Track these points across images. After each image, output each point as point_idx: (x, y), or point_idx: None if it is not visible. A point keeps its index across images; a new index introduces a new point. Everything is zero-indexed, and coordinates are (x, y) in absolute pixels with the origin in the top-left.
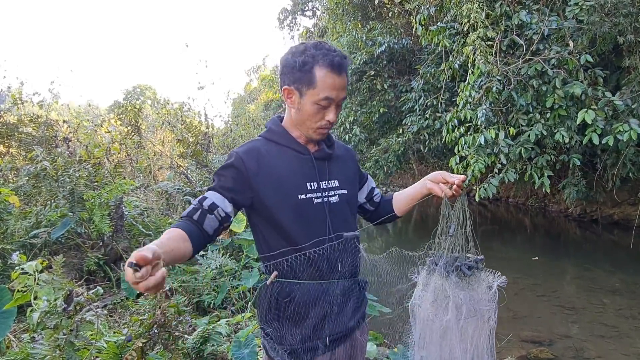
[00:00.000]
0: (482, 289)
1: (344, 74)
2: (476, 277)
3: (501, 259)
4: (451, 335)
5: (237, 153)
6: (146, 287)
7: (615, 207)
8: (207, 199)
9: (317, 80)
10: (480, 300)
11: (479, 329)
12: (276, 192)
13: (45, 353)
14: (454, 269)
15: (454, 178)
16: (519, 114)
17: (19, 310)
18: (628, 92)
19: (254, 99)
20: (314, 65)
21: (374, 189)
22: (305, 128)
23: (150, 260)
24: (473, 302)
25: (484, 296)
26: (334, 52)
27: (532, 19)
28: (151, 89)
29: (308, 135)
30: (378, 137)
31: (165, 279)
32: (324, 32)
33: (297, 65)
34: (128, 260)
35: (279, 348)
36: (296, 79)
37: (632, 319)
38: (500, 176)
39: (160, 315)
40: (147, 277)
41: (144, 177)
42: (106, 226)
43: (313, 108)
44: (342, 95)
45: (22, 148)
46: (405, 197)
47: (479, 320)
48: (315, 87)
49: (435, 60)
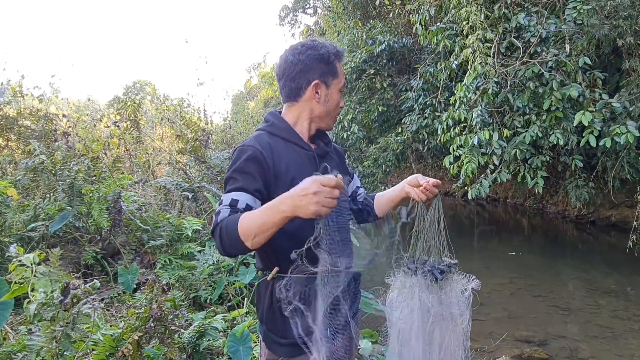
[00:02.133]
0: (455, 293)
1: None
2: (449, 281)
3: (498, 259)
4: (417, 338)
5: (254, 146)
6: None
7: (613, 209)
8: (240, 200)
9: (338, 71)
10: (451, 303)
11: (449, 332)
12: (287, 187)
13: (42, 344)
14: (425, 272)
15: (425, 181)
16: (515, 116)
17: (17, 302)
18: (626, 94)
19: (253, 96)
20: (335, 58)
21: (359, 187)
22: (330, 118)
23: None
24: (443, 306)
25: (455, 300)
26: (331, 44)
27: (530, 21)
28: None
29: (328, 127)
30: (377, 135)
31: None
32: (325, 30)
33: (323, 58)
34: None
35: (280, 342)
36: (323, 72)
37: (627, 320)
38: (492, 177)
39: (156, 308)
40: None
41: (143, 172)
42: (104, 220)
43: (339, 96)
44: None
45: (21, 141)
46: (385, 199)
47: (449, 324)
48: (337, 76)
49: (435, 59)
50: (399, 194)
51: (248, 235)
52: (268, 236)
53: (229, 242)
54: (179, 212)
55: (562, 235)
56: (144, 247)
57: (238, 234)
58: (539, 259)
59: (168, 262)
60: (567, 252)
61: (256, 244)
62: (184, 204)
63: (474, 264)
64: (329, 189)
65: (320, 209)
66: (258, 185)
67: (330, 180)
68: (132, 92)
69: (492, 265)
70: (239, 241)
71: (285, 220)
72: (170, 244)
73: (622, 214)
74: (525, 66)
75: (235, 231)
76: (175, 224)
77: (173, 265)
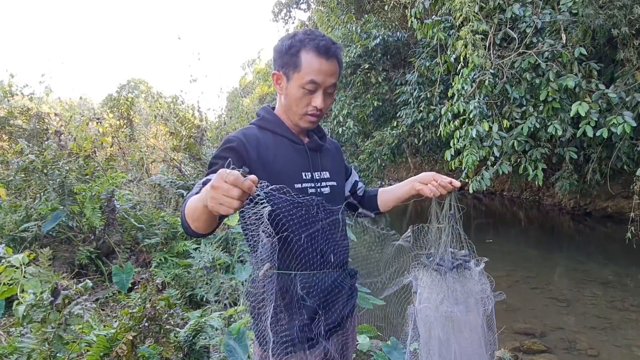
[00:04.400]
0: (476, 279)
1: (333, 59)
2: (470, 269)
3: (495, 251)
4: (462, 328)
5: (238, 137)
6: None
7: (609, 200)
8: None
9: (302, 64)
10: (477, 291)
11: (481, 317)
12: (274, 181)
13: (33, 347)
14: (455, 266)
15: (444, 179)
16: (513, 107)
17: (9, 303)
18: (622, 84)
19: (248, 92)
20: (301, 48)
21: (358, 182)
22: (292, 114)
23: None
24: (473, 294)
25: (478, 286)
26: (322, 37)
27: (525, 12)
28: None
29: (296, 122)
30: (372, 130)
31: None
32: (318, 25)
33: (284, 49)
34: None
35: (272, 340)
36: (284, 63)
37: (624, 311)
38: (493, 169)
39: (150, 308)
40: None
41: (137, 171)
42: (97, 219)
43: (299, 92)
44: (330, 80)
45: (12, 141)
46: (391, 196)
47: (480, 308)
48: (301, 71)
49: (430, 53)
50: (409, 191)
51: (190, 217)
52: (205, 222)
53: (183, 223)
54: (174, 210)
55: (559, 227)
56: (139, 246)
57: (185, 216)
58: (536, 251)
59: (163, 260)
60: (564, 244)
61: (199, 228)
62: (179, 201)
63: None
64: (227, 186)
65: (217, 206)
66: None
67: (229, 175)
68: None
69: (489, 258)
70: (187, 223)
71: (206, 210)
72: (166, 242)
73: (618, 205)
74: (521, 57)
75: (184, 213)
76: (170, 222)
77: (168, 264)
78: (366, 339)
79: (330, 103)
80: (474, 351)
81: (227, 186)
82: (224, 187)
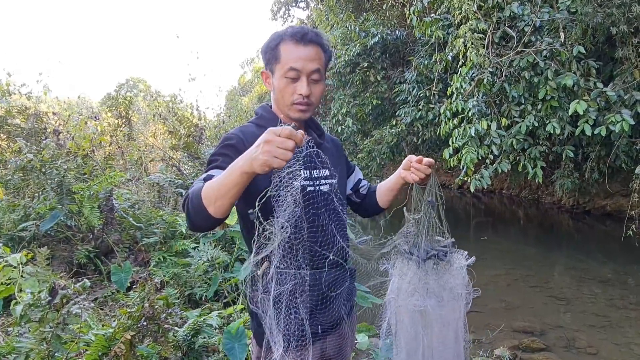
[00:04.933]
0: (455, 272)
1: (311, 44)
2: (449, 261)
3: (494, 250)
4: (433, 323)
5: (236, 134)
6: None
7: (608, 198)
8: (214, 176)
9: (281, 55)
10: (456, 285)
11: (458, 311)
12: (270, 178)
13: (31, 346)
14: (429, 256)
15: (412, 158)
16: (512, 106)
17: (7, 303)
18: (620, 82)
19: (247, 91)
20: (280, 42)
21: (361, 180)
22: (282, 106)
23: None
24: (450, 287)
25: (458, 280)
26: (300, 28)
27: (524, 10)
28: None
29: (286, 114)
30: (371, 129)
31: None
32: (317, 24)
33: (267, 47)
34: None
35: (270, 338)
36: (268, 60)
37: (624, 309)
38: (493, 167)
39: (148, 307)
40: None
41: (136, 170)
42: (96, 219)
43: (282, 82)
44: (311, 66)
45: (10, 140)
46: (385, 189)
47: (456, 303)
48: (281, 61)
49: (429, 51)
50: (397, 181)
51: (210, 198)
52: (231, 198)
53: (193, 211)
54: (173, 209)
55: (558, 225)
56: (137, 245)
57: (201, 200)
58: (535, 250)
59: (162, 259)
60: (563, 242)
61: (219, 209)
62: (178, 200)
63: (470, 255)
64: (281, 138)
65: (271, 159)
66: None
67: (283, 130)
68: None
69: (488, 257)
70: (202, 208)
71: (245, 178)
72: (164, 241)
73: (617, 203)
74: (519, 56)
75: (199, 197)
76: (169, 221)
77: (167, 263)
78: (365, 337)
79: (319, 92)
80: (446, 347)
81: (281, 139)
82: (278, 140)
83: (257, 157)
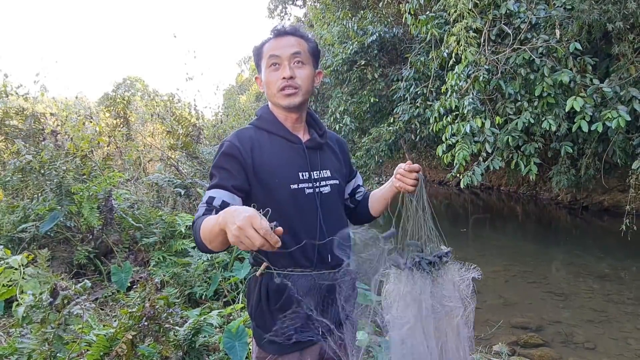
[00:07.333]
0: (448, 285)
1: (287, 35)
2: (443, 272)
3: (492, 246)
4: (414, 333)
5: (231, 141)
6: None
7: (605, 194)
8: (216, 198)
9: (264, 51)
10: (443, 297)
11: (445, 325)
12: (269, 182)
13: (33, 347)
14: (413, 265)
15: (401, 167)
16: (507, 103)
17: (9, 304)
18: (617, 79)
19: (245, 90)
20: (264, 43)
21: (360, 186)
22: (272, 97)
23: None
24: (436, 299)
25: (449, 292)
26: (281, 26)
27: (520, 7)
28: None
29: (276, 104)
30: (369, 126)
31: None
32: (314, 22)
33: (255, 50)
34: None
35: (269, 339)
36: (257, 62)
37: (621, 304)
38: (485, 164)
39: (149, 307)
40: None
41: (134, 170)
42: (95, 219)
43: (267, 73)
44: (290, 50)
45: (9, 141)
46: (378, 197)
47: (443, 317)
48: (263, 56)
49: (426, 48)
50: (390, 189)
51: (206, 240)
52: (221, 243)
53: (199, 243)
54: (172, 209)
55: (556, 221)
56: (137, 245)
57: (201, 238)
58: (533, 246)
59: (162, 259)
60: (561, 238)
61: (217, 247)
62: (177, 200)
63: (469, 251)
64: (252, 232)
65: (238, 242)
66: (235, 181)
67: (261, 228)
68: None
69: (487, 253)
70: (204, 244)
71: (224, 234)
72: (164, 241)
73: (614, 199)
74: (515, 53)
75: (199, 234)
76: (168, 221)
77: (167, 263)
78: (364, 334)
79: (306, 75)
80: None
81: (251, 233)
82: (249, 233)
83: (230, 230)
